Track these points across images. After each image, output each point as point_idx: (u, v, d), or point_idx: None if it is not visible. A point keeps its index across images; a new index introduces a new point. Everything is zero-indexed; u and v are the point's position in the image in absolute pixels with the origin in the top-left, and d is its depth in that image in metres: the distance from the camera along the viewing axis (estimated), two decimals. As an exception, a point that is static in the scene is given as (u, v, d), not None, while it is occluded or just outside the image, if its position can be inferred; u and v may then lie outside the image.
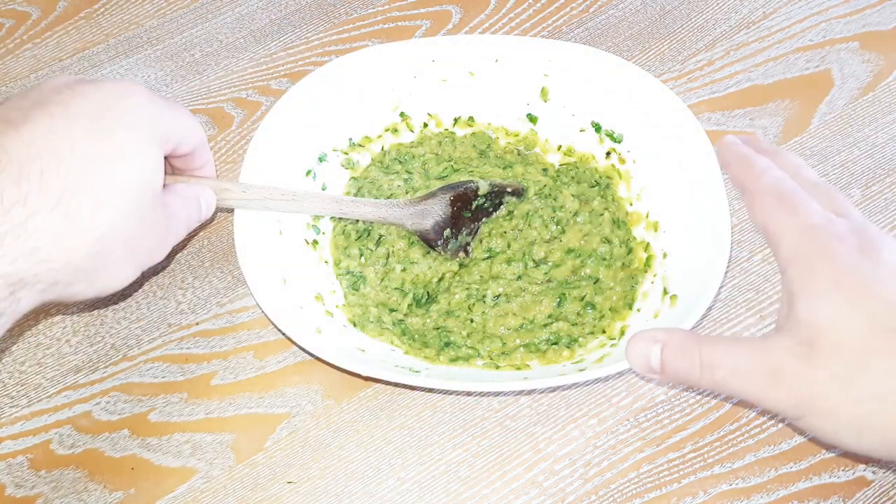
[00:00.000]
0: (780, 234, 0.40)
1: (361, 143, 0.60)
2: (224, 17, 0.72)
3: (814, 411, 0.36)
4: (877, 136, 0.64)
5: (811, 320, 0.37)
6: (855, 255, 0.37)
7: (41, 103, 0.38)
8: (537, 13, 0.72)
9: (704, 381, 0.39)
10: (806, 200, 0.40)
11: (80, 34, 0.70)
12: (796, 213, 0.40)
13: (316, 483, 0.49)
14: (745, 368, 0.38)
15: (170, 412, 0.51)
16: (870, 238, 0.38)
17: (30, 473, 0.49)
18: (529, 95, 0.60)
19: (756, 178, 0.42)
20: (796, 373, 0.36)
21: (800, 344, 0.37)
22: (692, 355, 0.39)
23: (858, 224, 0.39)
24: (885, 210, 0.60)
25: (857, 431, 0.36)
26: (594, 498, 0.48)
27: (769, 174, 0.42)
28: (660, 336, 0.41)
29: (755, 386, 0.38)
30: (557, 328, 0.53)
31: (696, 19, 0.71)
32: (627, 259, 0.56)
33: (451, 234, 0.57)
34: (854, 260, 0.37)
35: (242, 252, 0.49)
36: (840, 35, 0.69)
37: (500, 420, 0.51)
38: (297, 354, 0.53)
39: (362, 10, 0.72)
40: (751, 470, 0.49)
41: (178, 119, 0.43)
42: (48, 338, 0.54)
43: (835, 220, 0.39)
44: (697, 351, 0.39)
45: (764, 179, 0.42)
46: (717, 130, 0.64)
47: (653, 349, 0.40)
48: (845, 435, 0.36)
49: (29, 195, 0.35)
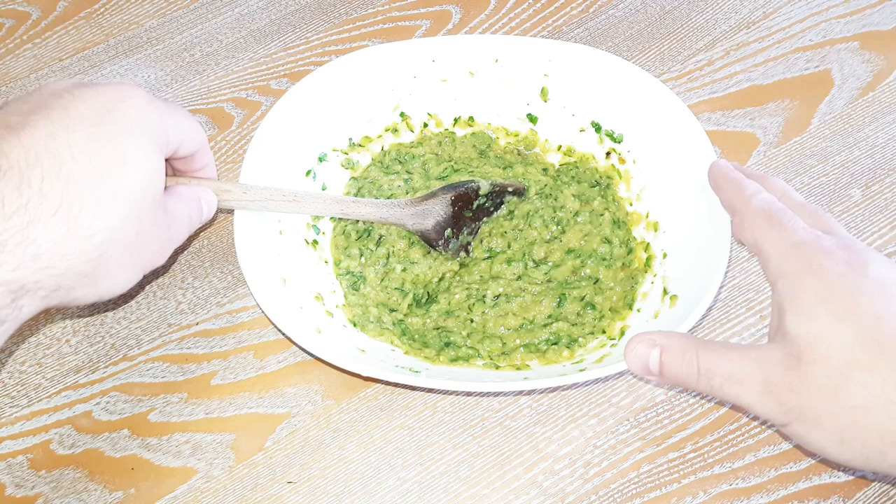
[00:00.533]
0: (769, 250, 0.42)
1: (361, 143, 0.60)
2: (224, 17, 0.72)
3: (800, 420, 0.38)
4: (877, 136, 0.64)
5: (799, 334, 0.38)
6: (841, 269, 0.38)
7: (41, 108, 0.38)
8: (537, 13, 0.72)
9: (701, 385, 0.40)
10: (794, 219, 0.42)
11: (80, 34, 0.70)
12: (784, 231, 0.41)
13: (316, 483, 0.49)
14: (741, 376, 0.39)
15: (170, 412, 0.51)
16: (856, 253, 0.39)
17: (30, 473, 0.49)
18: (529, 95, 0.60)
19: (746, 200, 0.45)
20: (785, 383, 0.38)
21: (789, 356, 0.38)
22: (691, 360, 0.40)
23: (845, 240, 0.40)
24: (885, 210, 0.60)
25: (840, 442, 0.37)
26: (594, 498, 0.49)
27: (758, 197, 0.44)
28: (659, 339, 0.42)
29: (749, 394, 0.39)
30: (557, 328, 0.53)
31: (696, 19, 0.71)
32: (627, 259, 0.56)
33: (452, 234, 0.57)
34: (840, 274, 0.38)
35: (242, 252, 0.49)
36: (840, 35, 0.69)
37: (500, 420, 0.51)
38: (297, 354, 0.54)
39: (362, 10, 0.72)
40: (751, 470, 0.49)
41: (179, 122, 0.43)
42: (48, 338, 0.54)
43: (822, 236, 0.41)
44: (696, 356, 0.40)
45: (753, 202, 0.44)
46: (717, 130, 0.64)
47: (652, 352, 0.41)
48: (828, 444, 0.38)
49: (30, 201, 0.35)
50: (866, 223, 0.59)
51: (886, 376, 0.35)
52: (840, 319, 0.37)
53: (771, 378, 0.38)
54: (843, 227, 0.43)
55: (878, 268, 0.38)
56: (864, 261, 0.38)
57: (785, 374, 0.38)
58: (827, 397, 0.37)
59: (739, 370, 0.39)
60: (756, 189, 0.45)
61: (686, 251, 0.52)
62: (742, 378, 0.39)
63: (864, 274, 0.38)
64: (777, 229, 0.42)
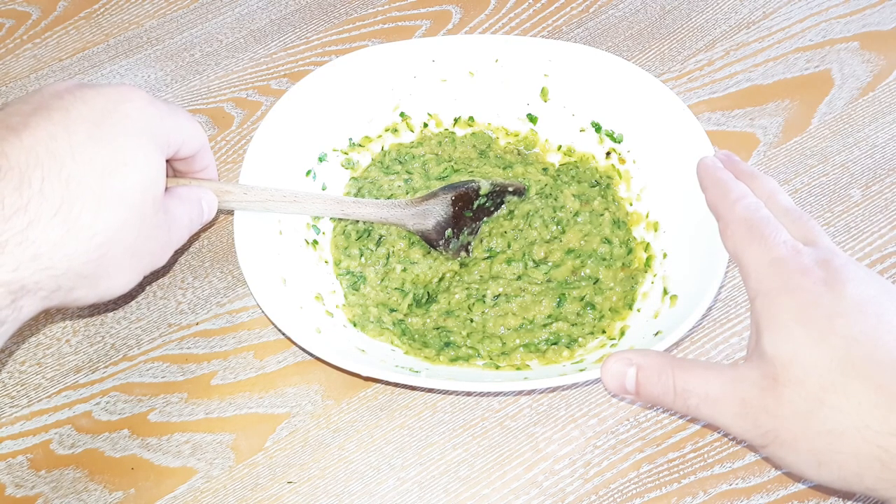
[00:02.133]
0: (748, 264, 0.41)
1: (361, 143, 0.60)
2: (224, 17, 0.72)
3: (777, 442, 0.37)
4: (877, 136, 0.64)
5: (775, 355, 0.37)
6: (818, 288, 0.38)
7: (42, 109, 0.38)
8: (537, 13, 0.72)
9: (678, 405, 0.40)
10: (775, 231, 0.41)
11: (80, 34, 0.70)
12: (765, 245, 0.41)
13: (316, 483, 0.49)
14: (717, 397, 0.39)
15: (170, 412, 0.51)
16: (835, 270, 0.39)
17: (30, 473, 0.49)
18: (529, 95, 0.61)
19: (730, 205, 0.44)
20: (761, 406, 0.37)
21: (765, 377, 0.38)
22: (667, 380, 0.40)
23: (826, 254, 0.40)
24: (885, 210, 0.60)
25: (817, 464, 0.37)
26: (594, 498, 0.49)
27: (742, 203, 0.43)
28: (635, 358, 0.41)
29: (725, 415, 0.39)
30: (557, 328, 0.53)
31: (696, 19, 0.71)
32: (627, 259, 0.56)
33: (453, 234, 0.57)
34: (817, 294, 0.38)
35: (242, 252, 0.49)
36: (840, 35, 0.69)
37: (500, 420, 0.51)
38: (297, 354, 0.54)
39: (362, 10, 0.72)
40: (751, 470, 0.49)
41: (179, 123, 0.43)
42: (48, 338, 0.54)
43: (802, 251, 0.40)
44: (672, 376, 0.40)
45: (737, 209, 0.43)
46: (717, 130, 0.64)
47: (628, 371, 0.41)
48: (806, 467, 0.37)
49: (30, 202, 0.35)
50: (866, 223, 0.59)
51: (861, 399, 0.35)
52: (815, 341, 0.37)
53: (747, 400, 0.38)
54: (826, 236, 0.42)
55: (855, 286, 0.38)
56: (842, 278, 0.38)
57: (761, 395, 0.37)
58: (802, 421, 0.36)
59: (716, 391, 0.39)
60: (741, 193, 0.44)
61: (686, 251, 0.52)
62: (718, 399, 0.38)
63: (842, 294, 0.37)
64: (757, 243, 0.41)
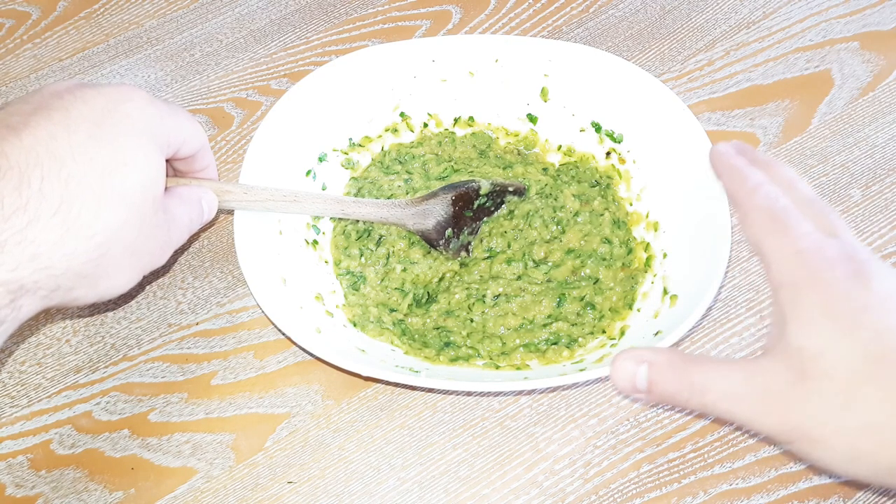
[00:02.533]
0: (771, 256, 0.40)
1: (361, 143, 0.60)
2: (224, 17, 0.72)
3: (805, 438, 0.36)
4: (877, 136, 0.64)
5: (802, 347, 0.36)
6: (845, 282, 0.37)
7: (42, 108, 0.38)
8: (537, 13, 0.72)
9: (693, 402, 0.38)
10: (798, 221, 0.40)
11: (80, 34, 0.70)
12: (788, 236, 0.39)
13: (316, 483, 0.49)
14: (738, 392, 0.37)
15: (170, 412, 0.51)
16: (860, 264, 0.38)
17: (30, 473, 0.49)
18: (529, 95, 0.60)
19: (749, 194, 0.42)
20: (788, 400, 0.36)
21: (791, 370, 0.36)
22: (682, 376, 0.38)
23: (850, 248, 0.39)
24: (886, 210, 0.60)
25: (850, 460, 0.36)
26: (594, 498, 0.49)
27: (762, 191, 0.41)
28: (646, 355, 0.39)
29: (747, 411, 0.37)
30: (557, 328, 0.53)
31: (696, 19, 0.71)
32: (627, 259, 0.56)
33: (453, 234, 0.57)
34: (845, 288, 0.37)
35: (242, 252, 0.49)
36: (840, 35, 0.69)
37: (500, 420, 0.51)
38: (297, 354, 0.54)
39: (362, 10, 0.72)
40: (751, 470, 0.49)
41: (179, 123, 0.43)
42: (48, 338, 0.54)
43: (826, 244, 0.39)
44: (687, 372, 0.38)
45: (757, 197, 0.41)
46: (717, 130, 0.64)
47: (639, 369, 0.39)
48: (838, 463, 0.36)
49: (29, 202, 0.35)
50: (866, 223, 0.59)
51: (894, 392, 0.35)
52: (844, 335, 0.36)
53: (772, 394, 0.36)
54: (848, 229, 0.41)
55: (882, 280, 0.37)
56: (869, 272, 0.37)
57: (787, 389, 0.36)
58: (834, 415, 0.35)
59: (736, 386, 0.37)
60: (759, 181, 0.42)
61: (686, 251, 0.52)
62: (738, 394, 0.37)
63: (869, 287, 0.37)
64: (780, 233, 0.39)
